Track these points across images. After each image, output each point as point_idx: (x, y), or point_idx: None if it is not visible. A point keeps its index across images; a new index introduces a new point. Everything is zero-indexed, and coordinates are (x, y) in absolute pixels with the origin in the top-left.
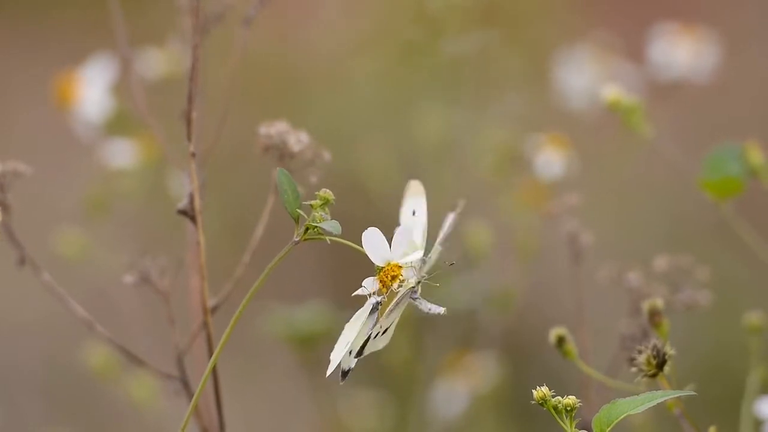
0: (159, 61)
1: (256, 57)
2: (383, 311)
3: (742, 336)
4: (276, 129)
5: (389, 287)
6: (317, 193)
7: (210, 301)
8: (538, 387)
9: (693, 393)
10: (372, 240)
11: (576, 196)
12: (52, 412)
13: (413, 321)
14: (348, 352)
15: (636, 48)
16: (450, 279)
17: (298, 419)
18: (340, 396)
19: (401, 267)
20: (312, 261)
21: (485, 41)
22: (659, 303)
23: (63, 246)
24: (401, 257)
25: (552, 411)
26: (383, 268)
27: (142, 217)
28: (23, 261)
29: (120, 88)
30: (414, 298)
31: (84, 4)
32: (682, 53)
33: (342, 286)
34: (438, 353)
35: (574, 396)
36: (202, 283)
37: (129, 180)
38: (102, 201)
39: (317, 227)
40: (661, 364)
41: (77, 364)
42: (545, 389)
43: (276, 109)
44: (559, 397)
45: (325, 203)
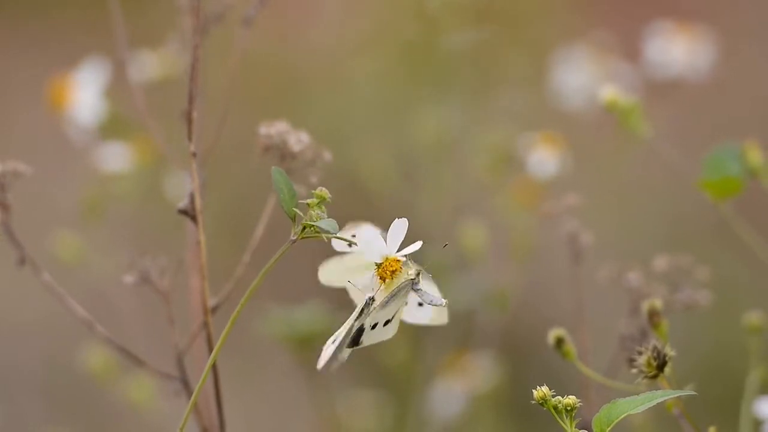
0: (157, 62)
1: (256, 57)
2: (380, 303)
3: (741, 336)
4: (276, 129)
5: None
6: (313, 192)
7: (210, 301)
8: (538, 387)
9: (693, 393)
10: (366, 237)
11: (574, 196)
12: (52, 412)
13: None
14: (339, 343)
15: (636, 47)
16: (448, 279)
17: (298, 419)
18: (339, 396)
19: (399, 261)
20: (311, 262)
21: (484, 40)
22: (658, 303)
23: (61, 249)
24: (398, 251)
25: (552, 411)
26: (381, 263)
27: (140, 219)
28: (23, 261)
29: (118, 89)
30: (416, 289)
31: (84, 3)
32: (678, 52)
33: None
34: (436, 354)
35: (574, 396)
36: (202, 283)
37: (125, 183)
38: (98, 204)
39: (314, 226)
40: (662, 365)
41: (77, 364)
42: (545, 389)
43: (276, 109)
44: (559, 397)
45: (322, 201)
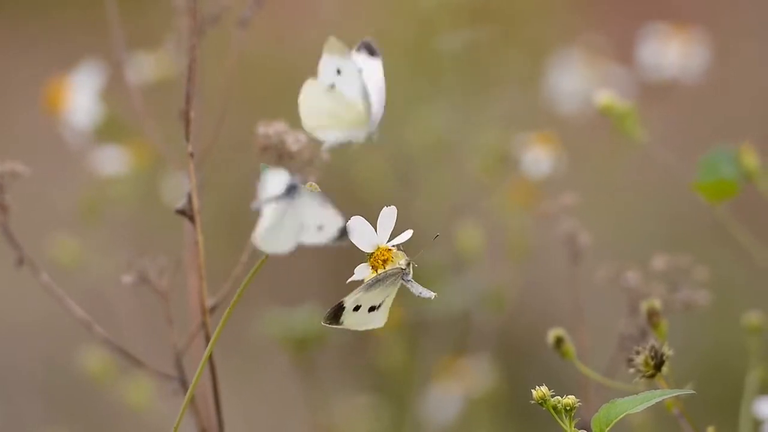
0: (155, 63)
1: (254, 57)
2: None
3: (740, 336)
4: (274, 129)
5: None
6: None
7: (208, 301)
8: (537, 387)
9: (691, 392)
10: (357, 228)
11: (571, 196)
12: (50, 412)
13: (408, 324)
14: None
15: (634, 49)
16: (444, 280)
17: (297, 419)
18: (336, 398)
19: (391, 250)
20: (308, 264)
21: (480, 41)
22: (657, 303)
23: (59, 251)
24: (388, 240)
25: (551, 411)
26: (373, 253)
27: (138, 219)
28: (21, 261)
29: (116, 90)
30: (406, 280)
31: (84, 3)
32: (673, 54)
33: (338, 288)
34: (433, 356)
35: (573, 396)
36: (200, 283)
37: (122, 186)
38: (96, 206)
39: None
40: (659, 364)
41: (76, 364)
42: (544, 389)
43: (274, 109)
44: (558, 397)
45: None
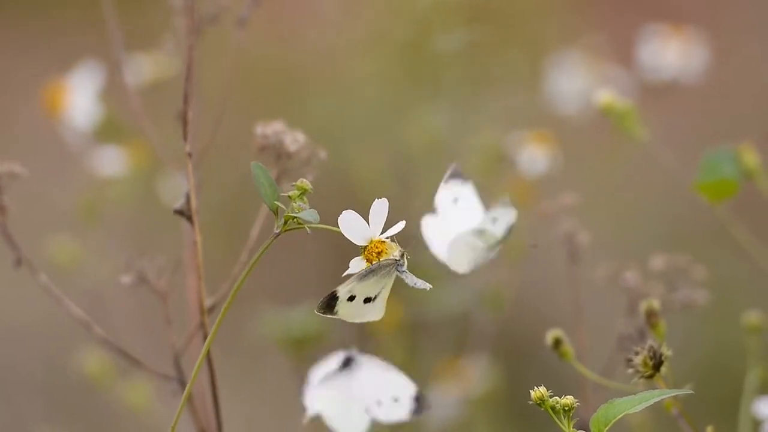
0: (153, 64)
1: (253, 57)
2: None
3: (740, 336)
4: (272, 129)
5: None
6: (294, 183)
7: (207, 301)
8: (535, 387)
9: (690, 392)
10: (348, 221)
11: (571, 196)
12: (50, 412)
13: (408, 324)
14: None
15: (634, 49)
16: (443, 281)
17: (295, 420)
18: None
19: (384, 242)
20: (308, 264)
21: (480, 41)
22: (656, 304)
23: (58, 253)
24: (381, 232)
25: (550, 411)
26: (367, 246)
27: (137, 220)
28: (20, 262)
29: (114, 90)
30: (401, 271)
31: (84, 3)
32: (672, 54)
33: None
34: (433, 356)
35: (571, 396)
36: (199, 283)
37: (121, 186)
38: (94, 206)
39: (296, 217)
40: (658, 365)
41: (75, 365)
42: (543, 389)
43: (272, 109)
44: (557, 397)
45: (303, 193)
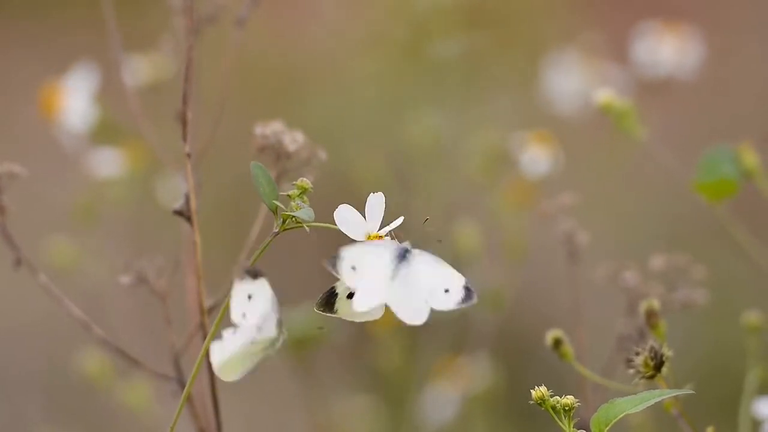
0: (151, 64)
1: (252, 57)
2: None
3: (740, 336)
4: (272, 129)
5: None
6: (294, 183)
7: (207, 302)
8: (536, 387)
9: (691, 392)
10: (345, 216)
11: (570, 196)
12: (50, 412)
13: (407, 324)
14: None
15: (632, 48)
16: None
17: (296, 419)
18: (334, 399)
19: (383, 237)
20: (308, 264)
21: (479, 42)
22: (656, 304)
23: (57, 253)
24: (379, 226)
25: (550, 411)
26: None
27: (135, 221)
28: (19, 262)
29: (112, 91)
30: None
31: (83, 3)
32: (666, 51)
33: None
34: (432, 356)
35: (572, 396)
36: (198, 283)
37: (119, 188)
38: (93, 207)
39: (294, 216)
40: (659, 365)
41: (74, 365)
42: (543, 389)
43: (272, 110)
44: (558, 397)
45: (302, 192)
